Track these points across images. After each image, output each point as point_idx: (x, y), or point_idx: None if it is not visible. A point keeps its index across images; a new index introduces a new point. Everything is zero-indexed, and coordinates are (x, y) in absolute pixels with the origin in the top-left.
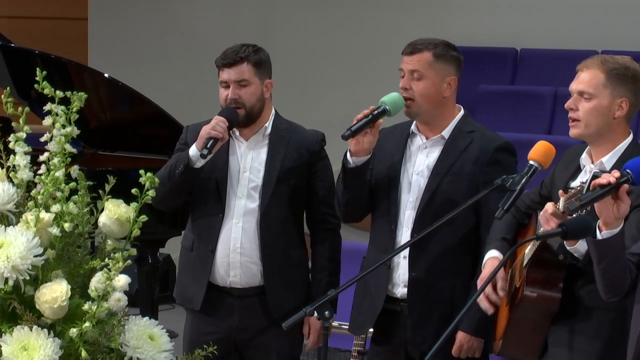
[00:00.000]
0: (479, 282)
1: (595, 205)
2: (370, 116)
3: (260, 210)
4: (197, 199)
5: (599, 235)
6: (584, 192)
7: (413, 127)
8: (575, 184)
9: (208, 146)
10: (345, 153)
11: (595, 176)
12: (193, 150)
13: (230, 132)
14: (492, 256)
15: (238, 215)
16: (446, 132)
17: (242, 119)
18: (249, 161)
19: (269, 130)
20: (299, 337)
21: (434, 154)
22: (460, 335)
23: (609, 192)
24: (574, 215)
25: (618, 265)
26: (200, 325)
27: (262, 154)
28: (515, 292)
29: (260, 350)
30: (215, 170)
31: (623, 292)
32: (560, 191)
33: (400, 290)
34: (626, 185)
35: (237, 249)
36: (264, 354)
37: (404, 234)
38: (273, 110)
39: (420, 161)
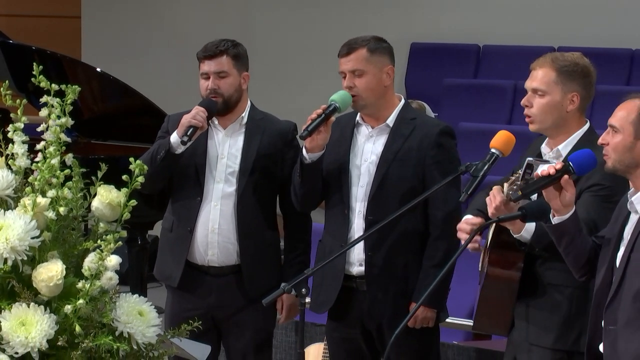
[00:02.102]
0: (458, 232)
1: (544, 194)
2: (323, 115)
3: (237, 193)
4: (177, 183)
5: (552, 221)
6: (520, 179)
7: (358, 117)
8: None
9: (188, 134)
10: (301, 150)
11: (528, 164)
12: (174, 138)
13: (210, 121)
14: (466, 217)
15: (216, 198)
16: (390, 121)
17: (220, 107)
18: (227, 148)
19: (245, 119)
20: (272, 313)
21: (381, 141)
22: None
23: (551, 182)
24: (529, 201)
25: (578, 246)
26: (180, 303)
27: (239, 141)
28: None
29: (237, 326)
30: (195, 157)
31: (590, 271)
32: (505, 183)
33: (357, 269)
34: (566, 176)
35: (215, 229)
36: (240, 329)
37: (357, 218)
38: (249, 102)
39: (368, 149)
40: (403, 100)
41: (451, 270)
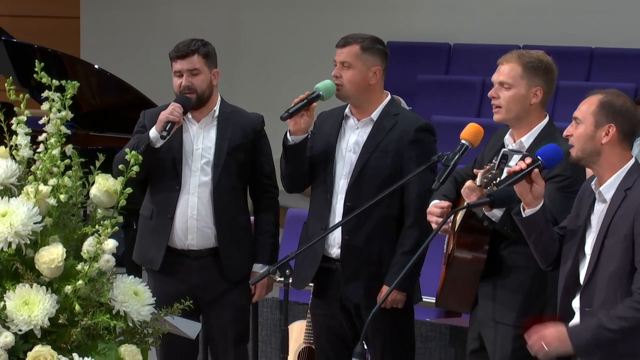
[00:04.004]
0: (428, 215)
1: (515, 189)
2: (305, 100)
3: (212, 182)
4: (156, 174)
5: (523, 214)
6: (495, 168)
7: (347, 110)
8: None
9: (167, 129)
10: (286, 133)
11: (504, 155)
12: (153, 133)
13: (184, 115)
14: (434, 201)
15: (194, 187)
16: (375, 115)
17: (194, 102)
18: (201, 140)
19: (217, 113)
20: (248, 291)
21: (364, 133)
22: (386, 290)
23: (523, 177)
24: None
25: (546, 238)
26: (162, 285)
27: (212, 133)
28: (450, 254)
29: (217, 305)
30: (172, 150)
31: (556, 261)
32: (475, 170)
33: (335, 251)
34: (537, 170)
35: (194, 215)
36: (219, 307)
37: (338, 202)
38: (219, 97)
39: (352, 139)
40: (389, 97)
41: (422, 256)
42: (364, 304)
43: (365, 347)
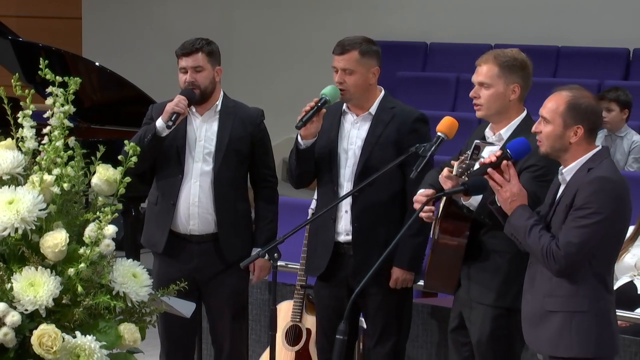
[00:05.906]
0: (415, 202)
1: (488, 180)
2: (315, 107)
3: (213, 171)
4: (161, 163)
5: (498, 203)
6: (468, 159)
7: (344, 107)
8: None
9: (172, 119)
10: (297, 137)
11: (476, 146)
12: (159, 123)
13: (188, 109)
14: (420, 190)
15: (196, 175)
16: (373, 109)
17: (198, 97)
18: (203, 132)
19: (219, 107)
20: (246, 274)
21: (364, 128)
22: (396, 271)
23: (492, 167)
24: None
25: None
26: (166, 267)
27: (214, 126)
28: (434, 239)
29: (216, 286)
30: (176, 140)
31: None
32: (452, 162)
33: (344, 238)
34: (505, 162)
35: (195, 202)
36: (218, 289)
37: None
38: (222, 92)
39: (354, 135)
40: (383, 91)
41: (426, 239)
42: (373, 284)
43: (365, 325)
